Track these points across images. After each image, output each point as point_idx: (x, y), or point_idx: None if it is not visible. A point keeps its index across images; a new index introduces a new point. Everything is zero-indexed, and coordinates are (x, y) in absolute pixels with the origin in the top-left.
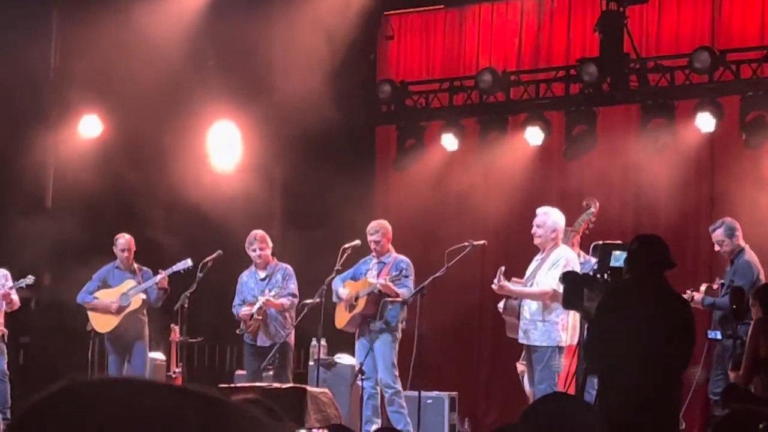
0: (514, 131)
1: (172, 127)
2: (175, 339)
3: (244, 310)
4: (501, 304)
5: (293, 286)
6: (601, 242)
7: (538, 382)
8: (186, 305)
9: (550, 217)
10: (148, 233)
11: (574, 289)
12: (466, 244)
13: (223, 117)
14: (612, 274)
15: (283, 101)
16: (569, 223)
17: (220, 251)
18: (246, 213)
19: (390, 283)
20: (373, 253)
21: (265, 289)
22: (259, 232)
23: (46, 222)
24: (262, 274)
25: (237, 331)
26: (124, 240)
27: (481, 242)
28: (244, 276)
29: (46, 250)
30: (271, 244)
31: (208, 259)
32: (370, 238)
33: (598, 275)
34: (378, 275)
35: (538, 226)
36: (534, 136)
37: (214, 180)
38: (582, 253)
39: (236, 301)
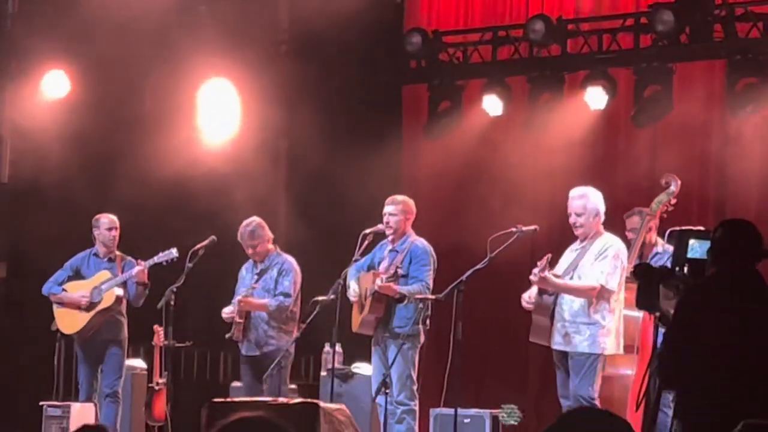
0: (571, 92)
1: (154, 85)
2: (159, 343)
3: (226, 311)
4: (527, 299)
5: (288, 283)
6: (677, 228)
7: (574, 388)
8: (172, 302)
9: (590, 200)
10: (126, 215)
11: (648, 285)
12: (514, 229)
13: (216, 74)
14: (691, 267)
15: (289, 55)
16: (644, 204)
17: (213, 237)
18: (245, 191)
19: (388, 284)
20: (389, 232)
21: (260, 285)
22: (249, 225)
23: (1, 200)
24: (259, 268)
25: (226, 336)
26: (108, 219)
27: (532, 228)
28: (244, 269)
29: (2, 235)
30: (268, 236)
31: (198, 246)
32: (385, 210)
33: (676, 269)
34: (389, 267)
35: (578, 215)
36: (596, 98)
37: (205, 151)
38: (661, 242)
39: (235, 299)
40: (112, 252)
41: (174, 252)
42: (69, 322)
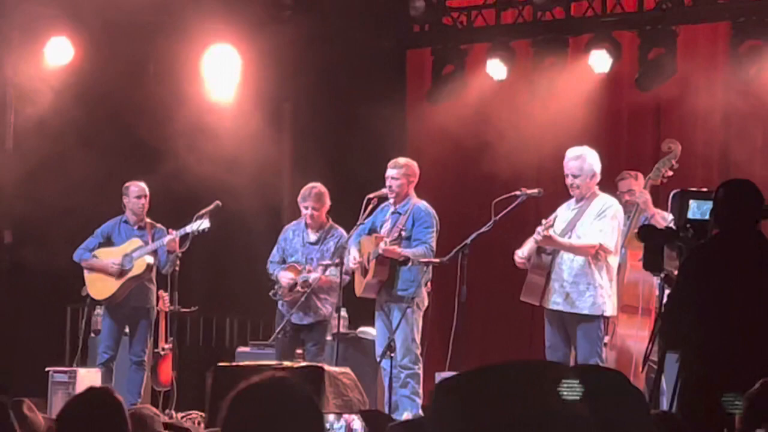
0: (575, 55)
1: (157, 52)
2: (165, 309)
3: (286, 277)
4: (521, 257)
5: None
6: (679, 190)
7: (583, 358)
8: (177, 268)
9: (586, 161)
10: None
11: (653, 246)
12: (518, 193)
13: (220, 39)
14: (694, 228)
15: (293, 20)
16: (647, 167)
17: (218, 202)
18: (249, 156)
19: (392, 247)
20: (391, 195)
21: (313, 254)
22: (316, 188)
23: (6, 167)
24: (312, 237)
25: (270, 293)
26: (137, 187)
27: (536, 191)
28: (290, 231)
29: (7, 201)
30: (328, 203)
31: (203, 211)
32: (387, 173)
33: (680, 232)
34: (392, 229)
35: (575, 176)
36: (600, 61)
37: (209, 117)
38: (653, 212)
39: (275, 256)
40: (142, 220)
41: (206, 222)
42: (100, 287)
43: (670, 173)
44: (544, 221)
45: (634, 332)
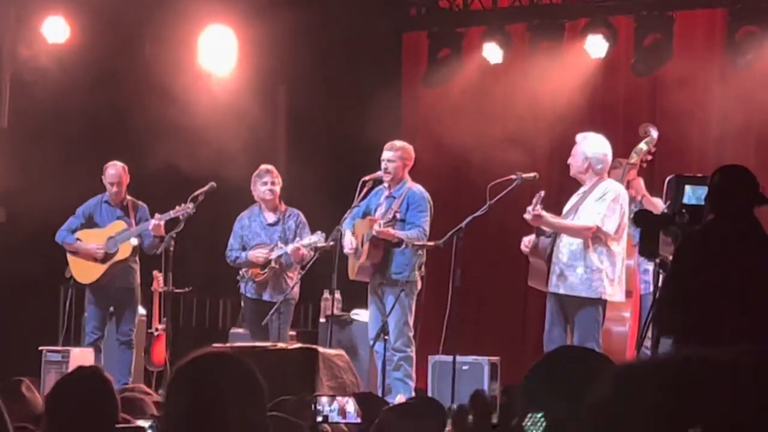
0: (571, 40)
1: (154, 32)
2: (158, 289)
3: (257, 253)
4: (527, 242)
5: (309, 234)
6: (674, 175)
7: (579, 342)
8: (171, 248)
9: (579, 146)
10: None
11: (649, 232)
12: (513, 176)
13: (216, 20)
14: (689, 213)
15: (289, 2)
16: (625, 154)
17: (212, 183)
18: (243, 138)
19: (386, 229)
20: (386, 178)
21: (275, 235)
22: (270, 167)
23: (1, 145)
24: (270, 218)
25: (238, 278)
26: (114, 170)
27: (532, 174)
28: (245, 218)
29: (1, 179)
30: (281, 183)
31: (198, 192)
32: (383, 155)
33: (676, 217)
34: (386, 212)
35: (571, 156)
36: (596, 46)
37: (205, 98)
38: (643, 193)
39: (233, 245)
40: (124, 199)
41: (191, 207)
42: (84, 271)
43: (649, 157)
44: (534, 200)
45: (615, 314)
